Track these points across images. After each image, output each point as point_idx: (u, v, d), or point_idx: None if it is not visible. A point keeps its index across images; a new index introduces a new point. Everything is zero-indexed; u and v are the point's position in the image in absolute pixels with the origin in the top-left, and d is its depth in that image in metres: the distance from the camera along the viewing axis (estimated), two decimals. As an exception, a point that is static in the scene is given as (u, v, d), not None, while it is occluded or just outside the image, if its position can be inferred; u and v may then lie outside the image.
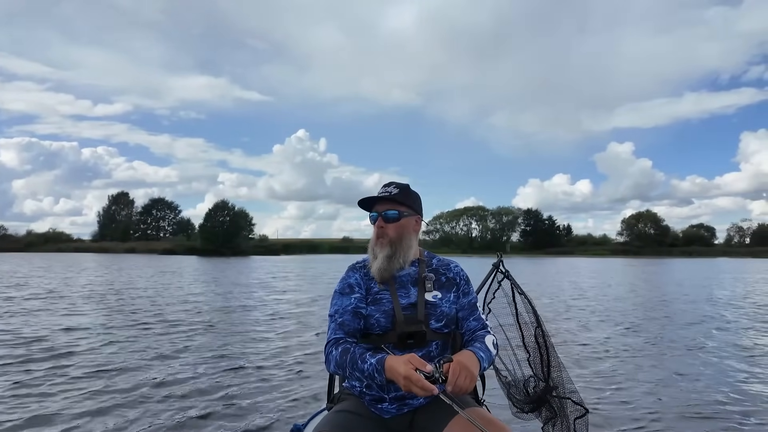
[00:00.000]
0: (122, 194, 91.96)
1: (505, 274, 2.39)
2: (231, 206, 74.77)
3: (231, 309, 10.22)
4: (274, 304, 11.26)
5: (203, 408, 3.92)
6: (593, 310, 10.60)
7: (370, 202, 1.88)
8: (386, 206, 1.85)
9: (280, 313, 9.82)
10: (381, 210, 1.84)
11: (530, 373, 2.16)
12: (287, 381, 4.77)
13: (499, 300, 2.42)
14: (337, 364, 1.65)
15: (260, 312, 9.92)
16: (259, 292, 14.22)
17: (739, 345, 6.83)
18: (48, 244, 75.08)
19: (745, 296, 14.17)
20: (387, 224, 1.83)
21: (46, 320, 8.24)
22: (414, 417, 1.72)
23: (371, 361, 1.57)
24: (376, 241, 1.84)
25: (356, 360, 1.60)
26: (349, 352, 1.63)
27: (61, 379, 4.69)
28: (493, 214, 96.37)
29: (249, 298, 12.65)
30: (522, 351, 2.23)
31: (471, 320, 1.83)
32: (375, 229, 1.85)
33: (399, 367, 1.48)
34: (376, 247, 1.84)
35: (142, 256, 53.81)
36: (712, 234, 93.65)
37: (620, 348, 6.55)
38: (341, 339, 1.70)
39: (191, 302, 11.28)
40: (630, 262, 50.17)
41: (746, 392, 4.49)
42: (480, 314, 1.87)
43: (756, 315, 10.03)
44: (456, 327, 1.85)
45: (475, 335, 1.79)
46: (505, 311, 2.37)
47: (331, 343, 1.70)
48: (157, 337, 6.85)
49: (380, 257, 1.81)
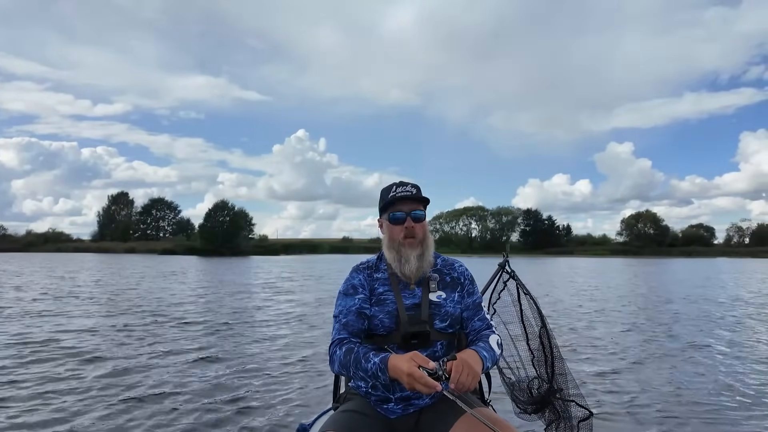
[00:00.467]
0: (122, 194, 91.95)
1: (511, 275, 2.38)
2: (231, 206, 74.78)
3: (236, 309, 10.22)
4: (279, 304, 11.27)
5: (209, 407, 3.94)
6: (595, 310, 10.61)
7: (386, 200, 1.86)
8: (412, 206, 1.84)
9: (285, 313, 9.84)
10: (407, 210, 1.82)
11: (534, 374, 2.17)
12: (293, 380, 4.79)
13: (504, 300, 2.42)
14: (341, 363, 1.66)
15: (265, 312, 9.93)
16: (263, 293, 14.23)
17: (743, 345, 6.84)
18: (47, 244, 75.00)
19: (746, 296, 14.20)
20: (415, 224, 1.82)
21: (49, 321, 8.27)
22: (420, 417, 1.72)
23: (374, 360, 1.57)
24: (404, 241, 1.81)
25: (360, 359, 1.61)
26: (352, 352, 1.64)
27: (64, 378, 4.72)
28: (493, 214, 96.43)
29: (253, 298, 12.66)
30: (526, 352, 2.24)
31: (476, 320, 1.83)
32: (400, 230, 1.82)
33: (402, 364, 1.49)
34: (404, 247, 1.81)
35: (142, 256, 53.77)
36: (711, 234, 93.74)
37: (623, 348, 6.57)
38: (345, 339, 1.71)
39: (197, 303, 11.29)
40: (630, 262, 50.13)
41: (752, 394, 4.48)
42: (485, 314, 1.87)
43: (759, 315, 10.06)
44: (461, 327, 1.84)
45: (479, 335, 1.79)
46: (510, 311, 2.38)
47: (335, 343, 1.71)
48: (163, 338, 6.87)
49: (413, 257, 1.79)
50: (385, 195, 1.88)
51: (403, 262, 1.80)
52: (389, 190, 1.88)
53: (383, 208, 1.88)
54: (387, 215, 1.86)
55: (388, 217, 1.86)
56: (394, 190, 1.85)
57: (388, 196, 1.85)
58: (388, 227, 1.86)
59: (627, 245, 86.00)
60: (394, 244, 1.83)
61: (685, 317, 9.64)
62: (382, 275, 1.84)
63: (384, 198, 1.88)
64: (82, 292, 13.37)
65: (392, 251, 1.83)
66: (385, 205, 1.86)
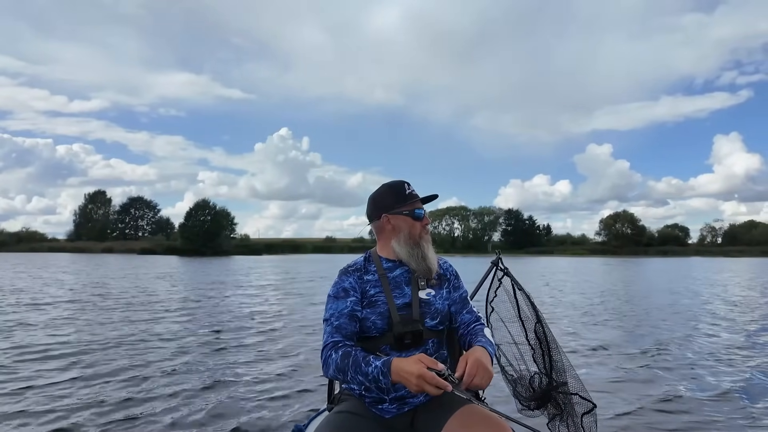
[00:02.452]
0: (99, 192, 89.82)
1: (505, 272, 2.38)
2: (213, 205, 73.74)
3: (228, 311, 10.11)
4: (270, 305, 11.18)
5: (203, 410, 3.90)
6: (579, 307, 10.81)
7: (402, 198, 1.86)
8: (422, 205, 1.89)
9: (277, 314, 9.77)
10: (422, 208, 1.88)
11: (535, 369, 2.16)
12: (287, 382, 4.77)
13: (500, 297, 2.41)
14: (337, 367, 1.61)
15: (257, 313, 9.85)
16: (252, 293, 14.09)
17: (725, 337, 7.07)
18: (21, 243, 72.81)
19: (720, 292, 14.65)
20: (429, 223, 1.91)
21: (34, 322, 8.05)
22: (415, 415, 1.72)
23: (376, 363, 1.54)
24: (425, 238, 1.86)
25: (359, 363, 1.57)
26: (350, 356, 1.60)
27: (51, 382, 4.62)
28: (475, 214, 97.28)
29: (243, 299, 12.53)
30: (527, 347, 2.23)
31: (464, 313, 1.85)
32: (421, 226, 1.86)
33: (410, 367, 1.47)
34: (424, 242, 1.84)
35: (120, 256, 52.67)
36: (686, 234, 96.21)
37: (610, 344, 6.72)
38: (339, 342, 1.66)
39: (186, 304, 11.13)
40: (608, 261, 51.16)
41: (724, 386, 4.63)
42: (472, 307, 1.88)
43: (737, 309, 10.41)
44: (450, 323, 1.85)
45: (472, 329, 1.80)
46: (507, 308, 2.37)
47: (329, 346, 1.66)
48: (155, 341, 6.75)
49: (431, 251, 1.85)
50: (402, 191, 1.86)
51: (428, 259, 1.82)
52: (402, 187, 1.87)
53: (401, 204, 1.85)
54: (408, 212, 1.85)
55: (411, 213, 1.85)
56: (408, 188, 1.87)
57: (406, 193, 1.86)
58: (408, 224, 1.85)
59: (605, 245, 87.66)
60: (416, 240, 1.83)
61: (669, 312, 9.87)
62: (372, 277, 1.81)
63: (401, 195, 1.86)
64: (68, 294, 13.03)
65: (413, 248, 1.82)
66: (403, 202, 1.85)
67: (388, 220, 1.86)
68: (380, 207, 1.87)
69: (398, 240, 1.84)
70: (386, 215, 1.86)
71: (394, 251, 1.85)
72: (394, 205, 1.85)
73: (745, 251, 76.37)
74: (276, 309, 10.46)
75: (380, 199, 1.88)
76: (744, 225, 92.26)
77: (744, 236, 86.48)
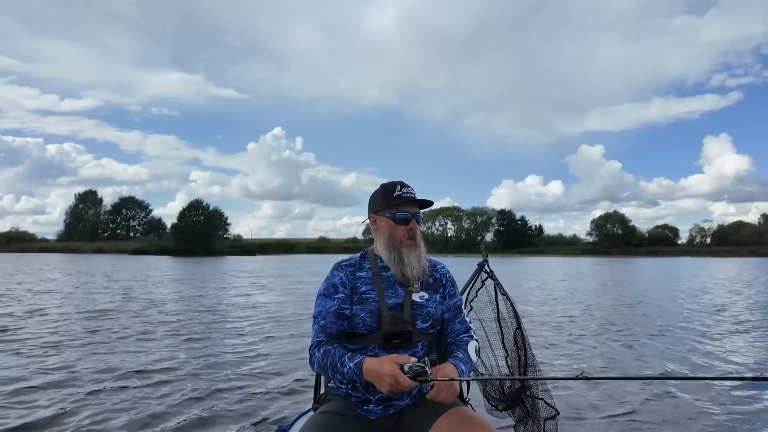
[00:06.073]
0: (90, 192, 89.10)
1: (489, 274, 2.43)
2: (206, 206, 73.38)
3: (215, 310, 10.15)
4: (258, 305, 11.22)
5: (187, 410, 3.92)
6: (566, 308, 10.91)
7: (388, 200, 1.83)
8: (415, 208, 1.85)
9: (265, 313, 9.81)
10: (412, 212, 1.83)
11: (507, 372, 2.25)
12: (272, 382, 4.80)
13: (481, 298, 2.47)
14: (320, 366, 1.69)
15: (244, 312, 9.89)
16: (242, 293, 14.10)
17: (708, 336, 7.19)
18: (11, 244, 71.99)
19: (709, 291, 14.86)
20: (417, 226, 1.84)
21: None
22: (400, 418, 1.73)
23: (350, 365, 1.59)
24: (406, 242, 1.81)
25: (336, 363, 1.63)
26: (329, 355, 1.65)
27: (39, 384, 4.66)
28: (468, 214, 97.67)
29: (232, 298, 12.55)
30: (500, 350, 2.33)
31: (456, 323, 1.85)
32: (404, 230, 1.81)
33: (383, 367, 1.52)
34: (405, 248, 1.81)
35: (112, 257, 52.20)
36: (675, 234, 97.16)
37: (592, 346, 6.84)
38: (323, 341, 1.72)
39: (176, 304, 11.13)
40: (599, 261, 51.53)
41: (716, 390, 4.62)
42: (465, 317, 1.89)
43: (726, 307, 10.63)
44: (441, 328, 1.86)
45: (458, 340, 1.82)
46: (486, 309, 2.43)
47: (314, 345, 1.73)
48: (140, 341, 6.79)
49: (413, 257, 1.80)
50: (389, 193, 1.83)
51: (405, 264, 1.79)
52: (392, 188, 1.84)
53: (385, 206, 1.83)
54: (391, 214, 1.83)
55: (393, 216, 1.82)
56: (399, 189, 1.83)
57: (394, 195, 1.82)
58: (389, 226, 1.83)
59: (596, 245, 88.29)
60: (395, 244, 1.81)
61: (656, 313, 9.99)
62: (365, 274, 1.82)
63: (388, 196, 1.83)
64: (60, 293, 13.00)
65: (392, 251, 1.81)
66: (390, 203, 1.83)
67: (374, 220, 1.88)
68: (371, 206, 1.89)
69: (381, 242, 1.85)
70: (373, 215, 1.88)
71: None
72: (381, 205, 1.85)
73: (733, 251, 77.24)
74: (265, 309, 10.49)
75: (372, 199, 1.90)
76: (732, 225, 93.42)
77: (732, 237, 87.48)
